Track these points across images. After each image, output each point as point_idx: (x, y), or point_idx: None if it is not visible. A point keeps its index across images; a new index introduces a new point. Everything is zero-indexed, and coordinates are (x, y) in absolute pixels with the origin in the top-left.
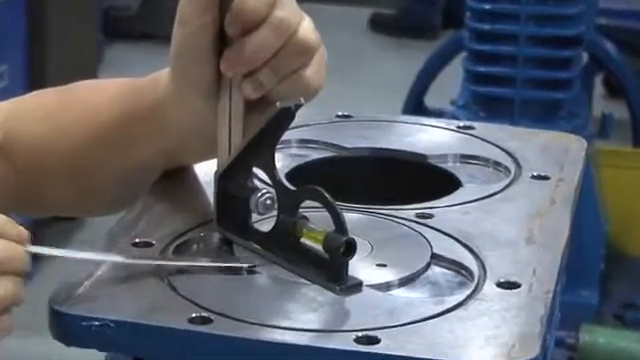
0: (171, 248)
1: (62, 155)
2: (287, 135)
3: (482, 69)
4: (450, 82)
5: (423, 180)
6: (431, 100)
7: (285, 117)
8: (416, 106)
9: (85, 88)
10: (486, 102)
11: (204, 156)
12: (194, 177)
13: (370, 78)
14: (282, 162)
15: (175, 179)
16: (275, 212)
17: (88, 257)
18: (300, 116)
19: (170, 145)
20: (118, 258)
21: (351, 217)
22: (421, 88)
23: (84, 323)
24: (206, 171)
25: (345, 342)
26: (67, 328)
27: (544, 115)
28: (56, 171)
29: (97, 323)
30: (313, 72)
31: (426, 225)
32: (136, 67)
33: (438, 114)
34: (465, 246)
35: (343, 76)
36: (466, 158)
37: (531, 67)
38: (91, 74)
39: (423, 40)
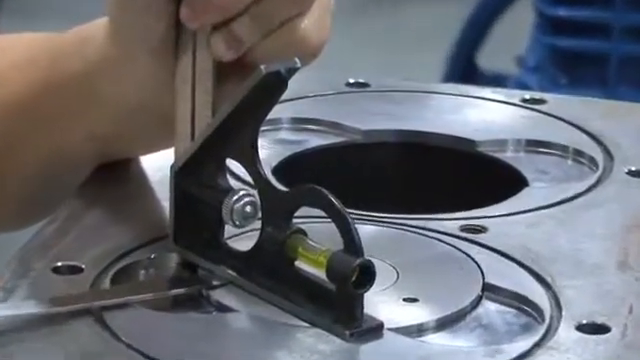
0: (108, 276)
1: None
2: (276, 112)
3: (563, 13)
4: (515, 32)
5: (471, 177)
6: (486, 59)
7: (273, 86)
8: (464, 68)
9: None
10: (569, 61)
11: (155, 143)
12: (141, 173)
13: (395, 29)
14: (269, 151)
15: (114, 176)
16: (258, 223)
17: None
18: (294, 85)
19: (106, 128)
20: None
21: (368, 230)
22: (472, 41)
23: None
24: (159, 164)
25: None
26: None
27: None
28: None
29: None
30: (312, 23)
31: (476, 242)
32: (51, 15)
33: (496, 80)
34: (532, 272)
35: (355, 28)
36: (534, 145)
37: (634, 10)
38: None
39: None
